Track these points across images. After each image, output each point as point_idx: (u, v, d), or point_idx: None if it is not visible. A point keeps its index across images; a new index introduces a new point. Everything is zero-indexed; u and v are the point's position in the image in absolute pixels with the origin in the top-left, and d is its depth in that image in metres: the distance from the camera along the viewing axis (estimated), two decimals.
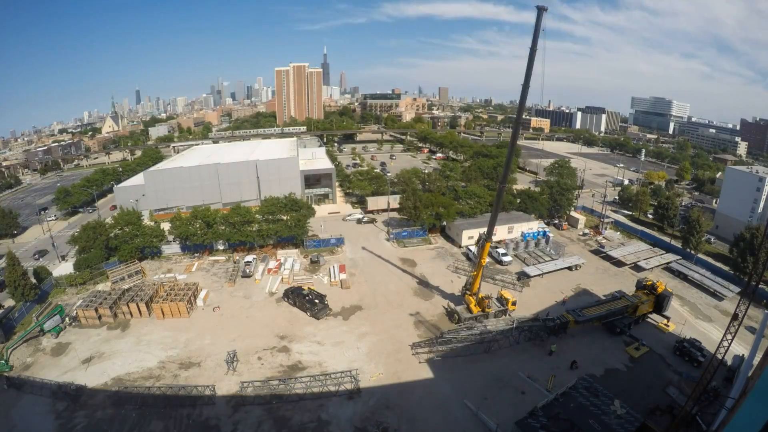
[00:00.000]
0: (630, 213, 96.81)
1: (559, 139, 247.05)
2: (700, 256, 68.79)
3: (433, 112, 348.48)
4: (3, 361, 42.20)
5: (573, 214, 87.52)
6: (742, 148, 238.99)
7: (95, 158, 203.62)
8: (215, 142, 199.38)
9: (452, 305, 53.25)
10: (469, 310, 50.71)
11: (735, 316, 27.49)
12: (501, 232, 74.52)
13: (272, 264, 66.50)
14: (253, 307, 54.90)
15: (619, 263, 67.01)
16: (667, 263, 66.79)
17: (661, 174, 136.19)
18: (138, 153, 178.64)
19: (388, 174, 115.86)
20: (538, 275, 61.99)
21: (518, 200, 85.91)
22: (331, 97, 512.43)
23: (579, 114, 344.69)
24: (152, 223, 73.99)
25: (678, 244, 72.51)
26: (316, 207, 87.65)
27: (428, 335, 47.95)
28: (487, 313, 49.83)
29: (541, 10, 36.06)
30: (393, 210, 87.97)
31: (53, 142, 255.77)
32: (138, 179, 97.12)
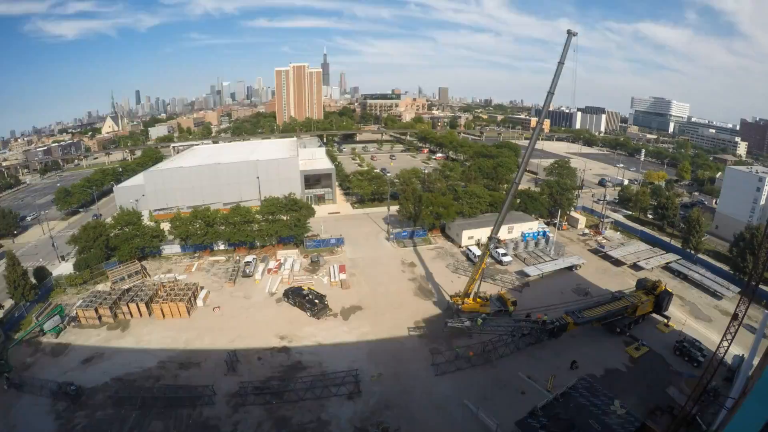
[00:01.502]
0: (630, 213, 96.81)
1: (559, 139, 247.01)
2: (700, 255, 68.80)
3: (433, 112, 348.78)
4: (3, 362, 42.19)
5: (573, 214, 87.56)
6: (742, 148, 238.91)
7: (95, 158, 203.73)
8: (215, 142, 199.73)
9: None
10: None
11: (735, 316, 27.52)
12: (501, 232, 74.33)
13: (272, 264, 66.50)
14: (253, 307, 54.90)
15: (618, 263, 67.04)
16: (667, 263, 66.80)
17: (661, 174, 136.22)
18: (138, 153, 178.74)
19: (388, 174, 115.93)
20: (538, 275, 62.01)
21: (518, 200, 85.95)
22: (330, 97, 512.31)
23: (579, 114, 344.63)
24: (152, 224, 74.02)
25: (678, 244, 72.52)
26: (316, 207, 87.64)
27: (428, 335, 48.02)
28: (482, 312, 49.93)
29: (570, 35, 39.68)
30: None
31: (53, 142, 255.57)
32: (138, 179, 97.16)
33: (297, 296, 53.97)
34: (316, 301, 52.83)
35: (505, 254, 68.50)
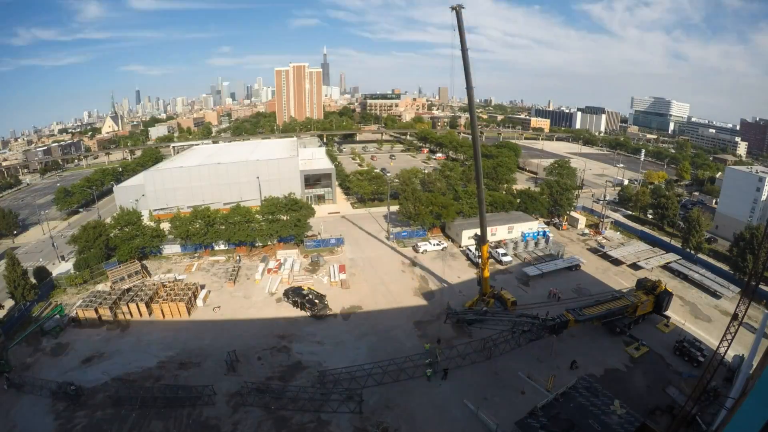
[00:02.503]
0: (630, 212, 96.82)
1: (559, 139, 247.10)
2: (700, 255, 68.81)
3: (432, 112, 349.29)
4: (2, 362, 42.21)
5: (573, 214, 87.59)
6: (742, 148, 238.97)
7: (95, 158, 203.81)
8: (215, 142, 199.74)
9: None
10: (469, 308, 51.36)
11: (735, 316, 27.53)
12: (501, 232, 74.68)
13: (272, 264, 66.52)
14: (253, 307, 54.87)
15: (618, 263, 67.04)
16: (667, 263, 66.80)
17: (661, 174, 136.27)
18: (138, 153, 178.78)
19: (388, 174, 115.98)
20: (538, 275, 62.02)
21: (518, 200, 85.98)
22: (330, 97, 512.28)
23: (579, 114, 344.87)
24: (152, 224, 74.05)
25: (678, 244, 72.52)
26: (315, 207, 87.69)
27: (428, 335, 48.05)
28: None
29: (458, 10, 36.16)
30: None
31: (53, 142, 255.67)
32: (138, 179, 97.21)
33: (297, 296, 53.99)
34: (316, 300, 52.84)
35: (505, 254, 68.51)
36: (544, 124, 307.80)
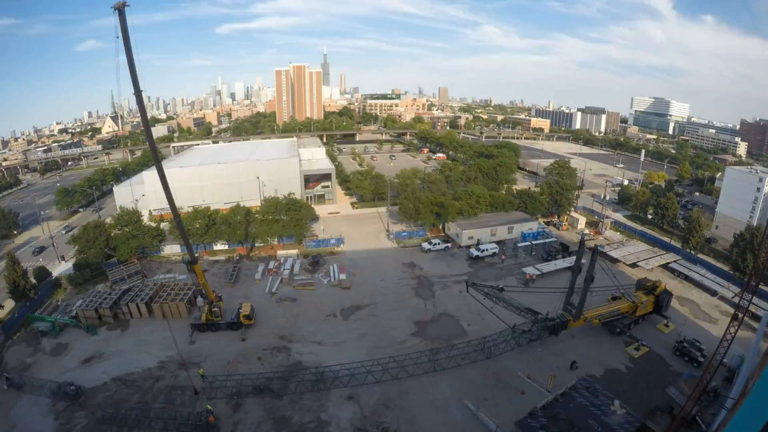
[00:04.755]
0: (630, 213, 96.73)
1: (559, 139, 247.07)
2: (700, 255, 68.78)
3: (433, 112, 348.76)
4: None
5: (573, 213, 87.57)
6: (742, 148, 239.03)
7: (95, 158, 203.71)
8: (215, 142, 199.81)
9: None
10: None
11: (735, 316, 27.54)
12: (501, 232, 74.74)
13: (272, 264, 66.49)
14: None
15: (618, 263, 66.97)
16: (667, 263, 66.76)
17: (661, 174, 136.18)
18: (138, 153, 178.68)
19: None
20: (538, 275, 61.97)
21: (518, 200, 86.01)
22: (330, 97, 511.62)
23: (579, 114, 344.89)
24: (152, 224, 74.08)
25: (678, 244, 72.48)
26: (315, 207, 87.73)
27: (428, 335, 48.01)
28: None
29: (121, 9, 32.57)
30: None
31: (53, 142, 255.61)
32: (138, 179, 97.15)
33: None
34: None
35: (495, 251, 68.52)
36: (544, 124, 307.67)
